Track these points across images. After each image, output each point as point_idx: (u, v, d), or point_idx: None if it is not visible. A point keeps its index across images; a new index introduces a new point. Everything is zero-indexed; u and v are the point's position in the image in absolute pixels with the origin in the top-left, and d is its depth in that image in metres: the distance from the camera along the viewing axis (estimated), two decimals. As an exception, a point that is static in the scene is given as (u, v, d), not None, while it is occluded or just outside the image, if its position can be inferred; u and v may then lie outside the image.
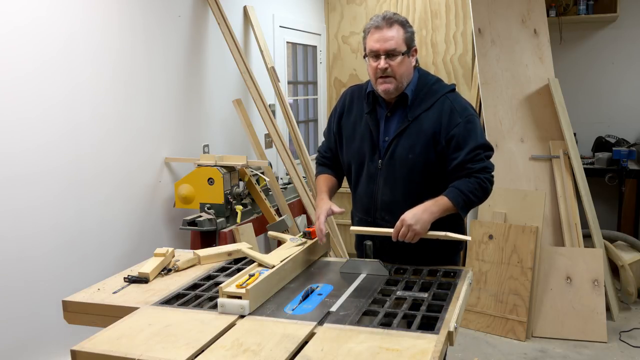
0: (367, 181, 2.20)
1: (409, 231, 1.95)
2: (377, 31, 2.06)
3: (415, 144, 2.09)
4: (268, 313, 1.70)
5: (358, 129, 2.21)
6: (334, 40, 5.25)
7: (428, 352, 1.43)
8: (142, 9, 3.00)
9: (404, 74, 2.08)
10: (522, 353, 3.61)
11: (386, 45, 2.04)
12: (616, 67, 5.29)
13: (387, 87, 2.08)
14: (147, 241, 3.06)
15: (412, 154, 2.09)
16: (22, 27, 2.35)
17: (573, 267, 3.86)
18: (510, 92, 4.26)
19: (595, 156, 4.99)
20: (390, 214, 2.13)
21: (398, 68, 2.06)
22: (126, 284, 1.98)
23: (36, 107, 2.43)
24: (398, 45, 2.05)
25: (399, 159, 2.11)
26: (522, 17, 4.31)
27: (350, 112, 2.26)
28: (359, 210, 2.28)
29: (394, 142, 2.12)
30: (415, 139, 2.09)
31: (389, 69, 2.05)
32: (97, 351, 1.48)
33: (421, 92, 2.13)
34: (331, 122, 2.34)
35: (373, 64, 2.08)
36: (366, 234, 2.14)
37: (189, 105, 3.40)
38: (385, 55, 2.05)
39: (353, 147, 2.24)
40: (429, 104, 2.11)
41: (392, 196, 2.14)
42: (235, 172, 3.20)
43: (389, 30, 2.04)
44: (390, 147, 2.13)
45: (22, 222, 2.39)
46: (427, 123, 2.09)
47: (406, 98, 2.12)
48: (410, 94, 2.13)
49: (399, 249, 2.08)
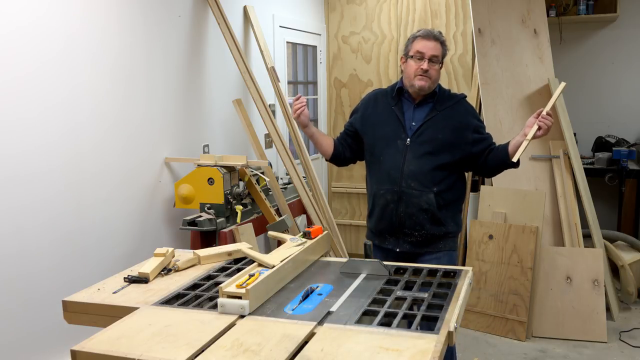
0: (394, 156, 2.63)
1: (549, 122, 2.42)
2: (427, 39, 2.59)
3: (445, 127, 2.62)
4: (268, 313, 1.71)
5: (385, 118, 2.70)
6: (334, 40, 5.25)
7: (428, 352, 1.43)
8: (142, 9, 3.00)
9: (436, 79, 2.63)
10: (522, 353, 3.61)
11: (432, 51, 2.58)
12: (616, 67, 5.29)
13: (423, 84, 2.59)
14: (147, 241, 3.06)
15: (441, 134, 2.61)
16: (22, 27, 2.35)
17: (573, 267, 3.86)
18: (510, 92, 4.26)
19: (595, 156, 4.99)
20: (415, 181, 2.59)
21: (435, 72, 2.61)
22: (126, 284, 1.98)
23: (36, 107, 2.42)
24: (440, 55, 2.61)
25: (428, 138, 2.61)
26: (522, 17, 4.31)
27: (376, 107, 2.75)
28: (384, 182, 2.66)
29: (423, 125, 2.62)
30: (444, 123, 2.62)
31: (429, 71, 2.57)
32: (97, 351, 1.48)
33: (444, 94, 2.71)
34: (357, 112, 2.82)
35: (417, 63, 2.58)
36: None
37: (189, 105, 3.40)
38: (429, 59, 2.57)
39: (380, 130, 2.69)
40: (452, 102, 2.69)
41: (418, 167, 2.59)
42: (235, 172, 3.20)
43: (435, 42, 2.60)
44: (420, 129, 2.62)
45: (22, 221, 2.39)
46: (454, 114, 2.65)
47: (434, 94, 2.66)
48: (438, 91, 2.68)
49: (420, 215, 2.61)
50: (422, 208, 2.59)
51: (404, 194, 2.60)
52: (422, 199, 2.59)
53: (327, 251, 2.34)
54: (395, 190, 2.62)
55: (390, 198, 2.63)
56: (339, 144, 2.82)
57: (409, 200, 2.60)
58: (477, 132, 2.65)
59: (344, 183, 5.27)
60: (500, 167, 2.63)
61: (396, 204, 2.62)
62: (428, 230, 2.61)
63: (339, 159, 2.84)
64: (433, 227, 2.62)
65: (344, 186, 5.27)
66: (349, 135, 2.83)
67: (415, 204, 2.59)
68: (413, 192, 2.59)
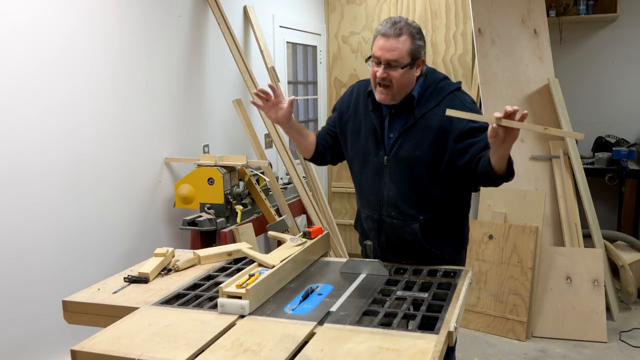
0: (372, 177, 2.19)
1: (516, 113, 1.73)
2: (383, 39, 2.02)
3: (422, 140, 2.08)
4: (268, 313, 1.70)
5: (363, 126, 2.21)
6: (334, 40, 5.25)
7: (428, 352, 1.43)
8: (142, 9, 3.00)
9: (403, 85, 2.05)
10: (522, 353, 3.60)
11: (388, 55, 2.00)
12: (616, 67, 5.29)
13: (382, 98, 2.07)
14: (147, 241, 3.06)
15: (419, 150, 2.08)
16: (21, 27, 2.35)
17: (573, 267, 3.86)
18: (510, 92, 4.26)
19: (595, 156, 4.99)
20: (396, 209, 2.14)
21: (397, 80, 2.02)
22: (126, 284, 1.98)
23: (36, 107, 2.42)
24: (401, 57, 2.00)
25: (405, 155, 2.10)
26: (522, 17, 4.31)
27: (356, 109, 2.25)
28: (365, 206, 2.27)
29: (399, 139, 2.11)
30: (422, 136, 2.08)
31: (387, 79, 2.03)
32: (97, 351, 1.48)
33: (427, 91, 2.10)
34: (337, 109, 2.35)
35: (374, 69, 2.06)
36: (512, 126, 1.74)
37: (189, 105, 3.40)
38: (385, 65, 2.02)
39: (357, 144, 2.23)
40: (435, 102, 2.08)
41: (398, 191, 2.13)
42: (235, 172, 3.20)
43: (396, 40, 2.00)
44: (396, 143, 2.12)
45: (22, 222, 2.39)
46: (434, 120, 2.07)
47: (412, 99, 2.10)
48: (417, 94, 2.10)
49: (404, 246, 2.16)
50: (405, 240, 2.15)
51: (384, 223, 2.18)
52: (404, 230, 2.14)
53: (327, 251, 2.34)
54: (375, 218, 2.20)
55: (371, 225, 2.23)
56: (320, 145, 2.35)
57: (390, 231, 2.17)
58: (465, 138, 2.02)
59: (344, 183, 5.26)
60: (487, 179, 1.98)
61: (377, 233, 2.21)
62: (417, 260, 2.18)
63: (320, 160, 2.42)
64: (422, 258, 2.17)
65: (344, 186, 5.27)
66: (330, 136, 2.36)
67: (397, 235, 2.16)
68: (394, 222, 2.14)
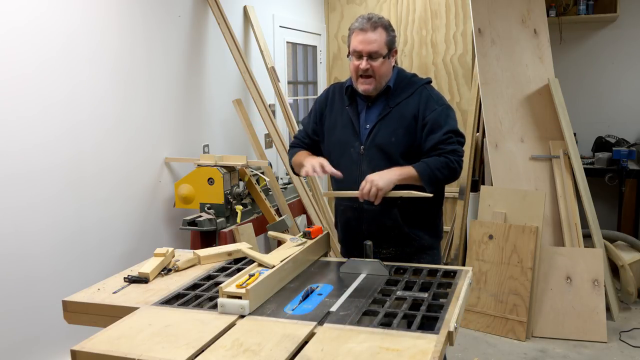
0: (349, 167, 2.27)
1: (372, 186, 2.04)
2: (362, 33, 2.19)
3: (397, 128, 2.22)
4: (268, 313, 1.71)
5: (339, 121, 2.33)
6: (334, 40, 5.25)
7: (428, 352, 1.43)
8: (142, 9, 3.00)
9: (383, 74, 2.23)
10: (522, 353, 3.60)
11: (369, 47, 2.17)
12: (616, 67, 5.29)
13: (366, 88, 2.23)
14: (147, 241, 3.06)
15: (394, 137, 2.22)
16: (21, 26, 2.35)
17: (573, 267, 3.85)
18: (510, 92, 4.26)
19: (595, 156, 4.99)
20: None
21: (378, 69, 2.20)
22: (126, 284, 1.98)
23: (35, 106, 2.43)
24: (380, 48, 2.18)
25: (381, 143, 2.23)
26: (522, 17, 4.31)
27: (332, 107, 2.38)
28: (343, 198, 2.32)
29: (375, 127, 2.24)
30: (397, 123, 2.22)
31: (369, 70, 2.19)
32: (97, 351, 1.48)
33: (402, 83, 2.29)
34: (315, 112, 2.43)
35: (355, 63, 2.21)
36: (337, 196, 2.32)
37: (189, 105, 3.40)
38: (367, 56, 2.18)
39: (334, 137, 2.34)
40: (409, 93, 2.26)
41: None
42: (235, 172, 3.20)
43: (373, 33, 2.18)
44: (372, 132, 2.25)
45: (22, 221, 2.39)
46: (407, 108, 2.23)
47: (389, 89, 2.26)
48: (392, 85, 2.27)
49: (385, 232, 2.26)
50: (386, 225, 2.26)
51: (364, 211, 2.25)
52: (385, 216, 2.24)
53: (327, 251, 2.34)
54: (355, 207, 2.27)
55: (351, 215, 2.31)
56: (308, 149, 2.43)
57: (371, 219, 2.26)
58: (429, 126, 2.18)
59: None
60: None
61: (357, 222, 2.29)
62: (398, 247, 2.29)
63: None
64: (403, 244, 2.29)
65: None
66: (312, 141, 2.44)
67: (377, 222, 2.26)
68: (373, 208, 2.19)
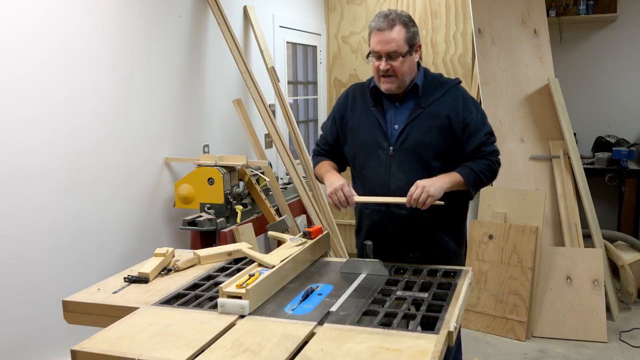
0: (377, 169, 2.22)
1: (423, 192, 2.00)
2: (379, 33, 2.12)
3: (431, 128, 2.16)
4: (268, 313, 1.71)
5: (364, 122, 2.26)
6: (334, 40, 5.25)
7: (428, 352, 1.43)
8: (142, 9, 3.00)
9: (406, 72, 2.16)
10: (522, 353, 3.60)
11: (387, 47, 2.11)
12: (616, 67, 5.29)
13: (389, 87, 2.16)
14: (147, 241, 3.06)
15: (428, 138, 2.16)
16: (21, 27, 2.35)
17: (573, 267, 3.85)
18: (510, 92, 4.26)
19: (595, 156, 4.99)
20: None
21: (399, 68, 2.13)
22: (126, 284, 1.98)
23: (36, 107, 2.42)
24: (399, 47, 2.11)
25: (413, 144, 2.17)
26: (522, 17, 4.31)
27: (354, 108, 2.31)
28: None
29: (406, 128, 2.18)
30: (430, 123, 2.16)
31: (390, 70, 2.13)
32: (97, 351, 1.48)
33: (432, 83, 2.22)
34: (334, 117, 2.37)
35: (375, 63, 2.15)
36: (376, 202, 2.19)
37: (189, 105, 3.40)
38: (386, 57, 2.12)
39: (359, 138, 2.27)
40: (441, 93, 2.20)
41: (407, 181, 2.11)
42: (235, 172, 3.20)
43: (390, 32, 2.10)
44: (402, 133, 2.18)
45: (22, 221, 2.39)
46: (441, 109, 2.18)
47: (417, 88, 2.20)
48: (421, 84, 2.21)
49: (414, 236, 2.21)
50: (415, 230, 2.20)
51: (393, 215, 2.19)
52: (414, 219, 2.16)
53: (327, 251, 2.34)
54: (383, 211, 2.21)
55: (378, 219, 2.24)
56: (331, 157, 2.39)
57: (400, 222, 2.19)
58: (470, 128, 2.17)
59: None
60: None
61: (385, 226, 2.23)
62: (425, 252, 2.22)
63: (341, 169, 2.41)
64: (431, 250, 2.23)
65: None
66: (333, 149, 2.39)
67: (406, 226, 2.19)
68: (403, 212, 2.16)
